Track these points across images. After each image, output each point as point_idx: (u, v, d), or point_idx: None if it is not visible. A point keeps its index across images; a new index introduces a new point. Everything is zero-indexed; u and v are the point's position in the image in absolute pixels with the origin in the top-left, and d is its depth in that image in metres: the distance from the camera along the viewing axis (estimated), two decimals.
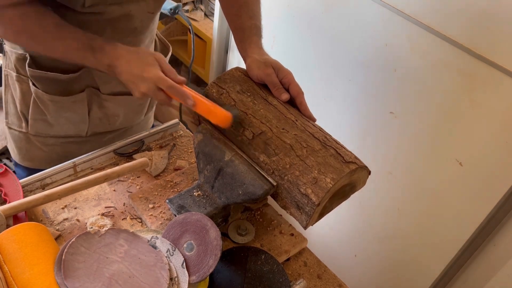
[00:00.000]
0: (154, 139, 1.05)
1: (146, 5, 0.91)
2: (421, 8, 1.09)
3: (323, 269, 0.85)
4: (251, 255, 0.79)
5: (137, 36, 0.96)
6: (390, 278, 1.44)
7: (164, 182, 0.91)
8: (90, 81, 0.96)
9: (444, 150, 1.15)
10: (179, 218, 0.75)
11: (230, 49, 1.96)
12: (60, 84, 0.93)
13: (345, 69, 1.34)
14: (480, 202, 1.10)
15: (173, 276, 0.70)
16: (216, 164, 0.79)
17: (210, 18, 2.25)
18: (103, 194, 0.89)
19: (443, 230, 1.22)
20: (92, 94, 0.97)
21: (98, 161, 0.97)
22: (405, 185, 1.29)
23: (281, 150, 0.74)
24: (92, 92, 0.97)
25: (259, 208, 0.92)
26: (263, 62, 0.84)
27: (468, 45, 1.02)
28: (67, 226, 0.82)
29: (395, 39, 1.17)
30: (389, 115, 1.25)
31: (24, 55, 0.91)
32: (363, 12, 1.22)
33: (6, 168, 0.84)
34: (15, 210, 0.75)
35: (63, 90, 0.94)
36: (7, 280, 0.63)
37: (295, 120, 0.78)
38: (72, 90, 0.95)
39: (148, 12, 0.93)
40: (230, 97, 0.81)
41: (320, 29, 1.38)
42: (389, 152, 1.30)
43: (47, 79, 0.92)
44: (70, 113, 0.97)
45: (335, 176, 0.70)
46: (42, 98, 0.94)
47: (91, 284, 0.66)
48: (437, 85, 1.11)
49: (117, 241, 0.73)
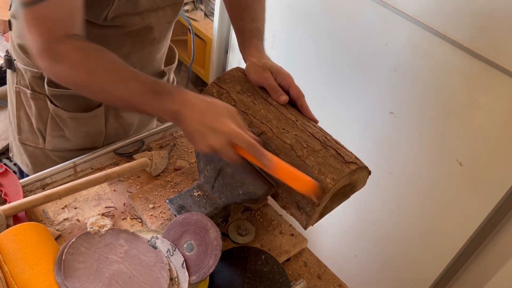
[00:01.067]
0: (154, 139, 1.05)
1: (164, 14, 0.90)
2: (421, 8, 1.09)
3: (323, 269, 0.85)
4: (251, 255, 0.79)
5: (156, 45, 0.96)
6: (390, 278, 1.44)
7: (164, 182, 0.91)
8: None
9: (444, 150, 1.15)
10: (179, 218, 0.75)
11: (230, 49, 1.96)
12: (79, 101, 0.93)
13: (345, 69, 1.34)
14: (480, 202, 1.10)
15: (173, 276, 0.70)
16: (216, 164, 0.79)
17: (210, 18, 2.25)
18: (103, 194, 0.89)
19: (443, 230, 1.22)
20: (109, 106, 0.97)
21: (98, 161, 0.97)
22: (405, 185, 1.29)
23: (281, 150, 0.74)
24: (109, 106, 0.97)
25: (259, 208, 0.92)
26: (261, 66, 0.83)
27: (468, 45, 1.02)
28: (67, 226, 0.82)
29: (395, 39, 1.17)
30: (389, 115, 1.25)
31: (40, 73, 0.89)
32: (363, 12, 1.22)
33: (6, 168, 0.84)
34: (15, 210, 0.75)
35: (82, 106, 0.94)
36: (7, 280, 0.63)
37: (295, 120, 0.78)
38: (90, 105, 0.95)
39: (167, 22, 0.94)
40: (230, 97, 0.81)
41: (320, 29, 1.38)
42: (389, 152, 1.30)
43: (66, 96, 0.91)
44: (88, 127, 0.97)
45: (335, 176, 0.70)
46: (61, 115, 0.93)
47: (91, 284, 0.66)
48: (437, 85, 1.11)
49: (117, 241, 0.73)
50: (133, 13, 0.84)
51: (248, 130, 0.71)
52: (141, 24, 0.87)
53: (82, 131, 0.97)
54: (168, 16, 0.92)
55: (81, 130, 0.96)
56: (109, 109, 0.98)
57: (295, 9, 1.45)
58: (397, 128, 1.25)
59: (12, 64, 0.94)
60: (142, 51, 0.94)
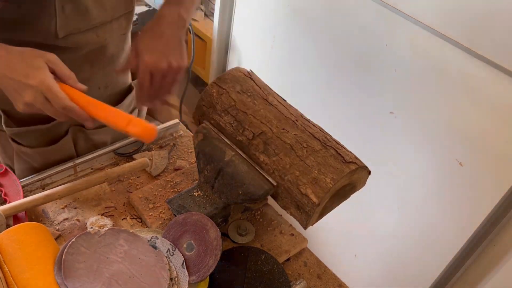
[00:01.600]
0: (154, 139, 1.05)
1: (119, 27, 0.86)
2: (421, 8, 1.09)
3: (323, 269, 0.85)
4: (251, 255, 0.79)
5: (115, 62, 0.92)
6: (390, 278, 1.44)
7: (164, 182, 0.91)
8: (73, 120, 0.82)
9: (444, 150, 1.15)
10: (179, 218, 0.75)
11: (230, 49, 1.96)
12: (42, 134, 0.88)
13: (345, 69, 1.34)
14: (480, 202, 1.10)
15: (173, 276, 0.70)
16: (216, 164, 0.79)
17: (210, 18, 2.25)
18: (103, 194, 0.89)
19: (443, 230, 1.22)
20: (77, 131, 0.92)
21: (98, 161, 0.97)
22: (405, 185, 1.29)
23: (281, 150, 0.74)
24: (77, 129, 0.92)
25: (259, 208, 0.92)
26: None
27: (468, 45, 1.02)
28: (67, 226, 0.82)
29: (395, 39, 1.17)
30: (389, 115, 1.25)
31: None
32: (363, 12, 1.22)
33: (6, 168, 0.84)
34: (15, 210, 0.75)
35: (47, 139, 0.89)
36: (7, 280, 0.63)
37: (295, 120, 0.78)
38: (56, 136, 0.90)
39: (121, 34, 0.90)
40: (230, 97, 0.81)
41: (320, 29, 1.38)
42: (389, 152, 1.30)
43: (27, 133, 0.86)
44: (57, 156, 0.92)
45: (335, 176, 0.70)
46: (26, 152, 0.88)
47: (91, 284, 0.66)
48: (437, 85, 1.11)
49: (117, 241, 0.73)
50: (86, 29, 0.79)
51: (73, 79, 0.64)
52: (96, 42, 0.82)
53: (51, 161, 0.92)
54: (122, 27, 0.88)
55: (49, 160, 0.91)
56: (76, 134, 0.93)
57: (295, 9, 1.46)
58: (397, 128, 1.25)
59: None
60: (103, 70, 0.89)
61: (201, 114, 0.85)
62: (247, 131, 0.78)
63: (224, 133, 0.82)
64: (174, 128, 1.08)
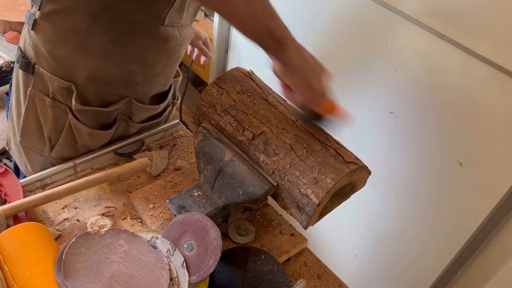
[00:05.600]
0: (154, 139, 1.05)
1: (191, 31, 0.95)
2: (422, 8, 1.09)
3: (323, 269, 0.85)
4: (251, 255, 0.79)
5: (178, 63, 1.01)
6: (390, 278, 1.44)
7: (164, 182, 0.91)
8: (126, 110, 0.96)
9: (444, 150, 1.15)
10: (179, 218, 0.75)
11: (230, 49, 1.96)
12: (100, 117, 0.93)
13: (344, 69, 1.34)
14: (480, 202, 1.10)
15: (173, 276, 0.70)
16: (216, 164, 0.79)
17: (210, 18, 2.25)
18: (103, 194, 0.89)
19: (443, 230, 1.22)
20: (122, 121, 0.98)
21: (98, 161, 0.97)
22: (405, 185, 1.29)
23: (281, 150, 0.74)
24: (122, 119, 0.97)
25: (259, 208, 0.92)
26: None
27: (468, 45, 1.02)
28: (67, 226, 0.82)
29: (395, 39, 1.17)
30: (389, 115, 1.25)
31: (68, 85, 0.87)
32: (363, 12, 1.22)
33: (6, 168, 0.84)
34: (15, 210, 0.75)
35: (102, 122, 0.94)
36: (7, 280, 0.63)
37: (295, 120, 0.78)
38: (109, 121, 0.96)
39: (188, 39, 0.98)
40: (230, 97, 0.81)
41: (320, 29, 1.38)
42: (389, 152, 1.30)
43: (91, 112, 0.91)
44: (99, 142, 0.97)
45: (335, 176, 0.70)
46: (80, 129, 0.92)
47: (91, 284, 0.66)
48: (437, 85, 1.11)
49: (117, 241, 0.73)
50: (177, 25, 0.87)
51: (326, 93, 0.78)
52: (178, 40, 0.90)
53: (93, 145, 0.97)
54: (190, 33, 0.96)
55: (93, 144, 0.96)
56: (120, 123, 0.98)
57: (293, 9, 1.45)
58: (397, 128, 1.25)
59: (30, 67, 0.89)
60: (169, 69, 0.97)
61: (201, 114, 0.85)
62: (247, 131, 0.78)
63: (224, 133, 0.82)
64: (174, 128, 1.08)
